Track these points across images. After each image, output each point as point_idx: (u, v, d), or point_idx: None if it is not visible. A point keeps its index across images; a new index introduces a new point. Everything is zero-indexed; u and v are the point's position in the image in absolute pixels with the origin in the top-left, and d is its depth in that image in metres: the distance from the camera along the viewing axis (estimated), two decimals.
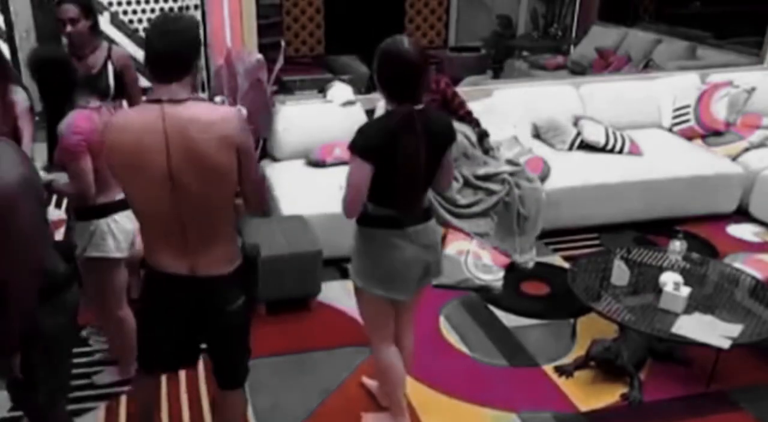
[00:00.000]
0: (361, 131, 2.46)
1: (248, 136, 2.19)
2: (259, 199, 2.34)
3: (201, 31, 2.28)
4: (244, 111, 4.00)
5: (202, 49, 2.26)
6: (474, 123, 4.56)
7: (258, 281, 2.39)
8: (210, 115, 2.13)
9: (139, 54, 5.65)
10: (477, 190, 4.35)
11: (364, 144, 2.41)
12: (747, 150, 5.06)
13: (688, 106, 5.36)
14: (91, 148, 2.67)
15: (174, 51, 2.11)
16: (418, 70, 2.40)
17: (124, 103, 3.60)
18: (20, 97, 3.14)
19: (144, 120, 2.11)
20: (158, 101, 2.10)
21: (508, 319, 3.76)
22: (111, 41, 3.81)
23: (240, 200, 2.31)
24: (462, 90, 4.87)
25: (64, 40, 3.43)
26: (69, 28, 3.29)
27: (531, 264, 4.29)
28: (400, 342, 2.83)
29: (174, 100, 2.10)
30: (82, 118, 2.69)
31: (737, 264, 3.82)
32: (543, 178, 4.56)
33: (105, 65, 3.42)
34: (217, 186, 2.16)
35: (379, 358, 2.78)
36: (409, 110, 2.39)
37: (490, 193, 4.32)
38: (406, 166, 2.42)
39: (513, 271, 4.18)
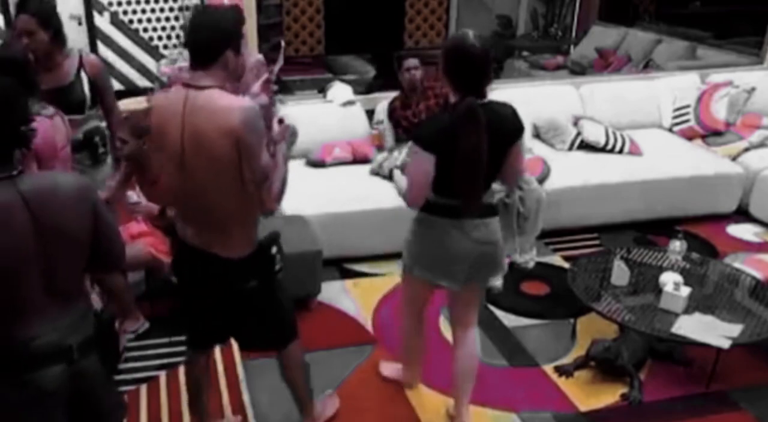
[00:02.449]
0: (426, 124, 2.62)
1: (253, 132, 2.17)
2: (261, 199, 2.28)
3: (236, 24, 2.29)
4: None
5: (238, 41, 2.28)
6: None
7: (273, 267, 2.47)
8: (217, 103, 2.17)
9: (140, 54, 5.68)
10: None
11: (426, 135, 2.51)
12: (747, 150, 5.06)
13: (688, 106, 5.36)
14: (38, 154, 2.47)
15: (201, 40, 2.22)
16: (480, 63, 2.46)
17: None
18: None
19: (171, 101, 2.25)
20: (188, 85, 2.23)
21: (508, 319, 3.76)
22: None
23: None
24: None
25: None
26: (25, 40, 3.12)
27: (531, 264, 4.27)
28: (457, 339, 2.91)
29: (197, 86, 2.20)
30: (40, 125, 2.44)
31: (737, 264, 3.82)
32: (543, 178, 4.56)
33: (78, 75, 3.27)
34: (221, 176, 2.22)
35: (402, 329, 3.07)
36: (472, 103, 2.43)
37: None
38: (467, 158, 2.45)
39: (513, 271, 4.16)
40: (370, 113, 4.87)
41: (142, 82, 5.73)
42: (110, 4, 5.26)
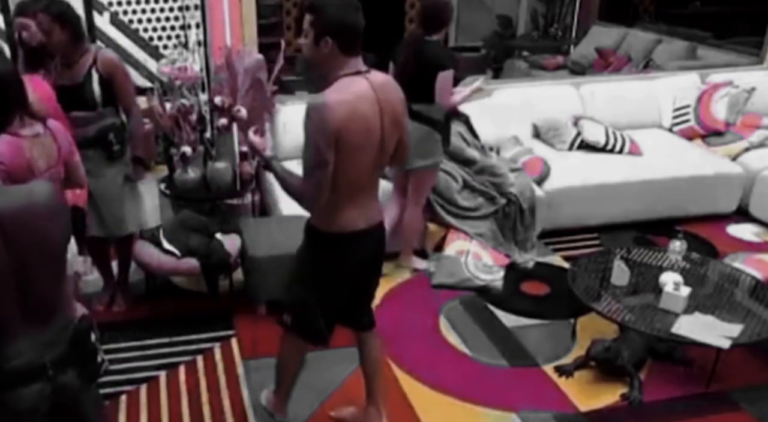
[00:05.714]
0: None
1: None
2: (407, 151, 2.61)
3: None
4: (243, 111, 4.01)
5: None
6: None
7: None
8: (390, 79, 2.45)
9: (140, 54, 5.68)
10: (474, 191, 4.34)
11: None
12: (747, 150, 5.07)
13: (688, 106, 5.37)
14: (12, 178, 2.23)
15: (360, 27, 2.29)
16: (430, 12, 3.69)
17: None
18: None
19: (362, 92, 2.27)
20: (359, 73, 2.29)
21: (508, 319, 3.76)
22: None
23: None
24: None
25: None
26: (33, 33, 3.14)
27: (531, 264, 4.29)
28: (406, 210, 4.01)
29: (368, 70, 2.32)
30: (7, 145, 2.24)
31: (737, 264, 3.82)
32: (543, 178, 4.56)
33: (89, 72, 3.24)
34: (396, 140, 2.44)
35: (394, 205, 4.08)
36: (409, 36, 3.52)
37: (490, 197, 4.31)
38: (400, 70, 3.61)
39: (513, 271, 4.17)
40: None
41: (143, 82, 5.73)
42: (110, 4, 5.25)
